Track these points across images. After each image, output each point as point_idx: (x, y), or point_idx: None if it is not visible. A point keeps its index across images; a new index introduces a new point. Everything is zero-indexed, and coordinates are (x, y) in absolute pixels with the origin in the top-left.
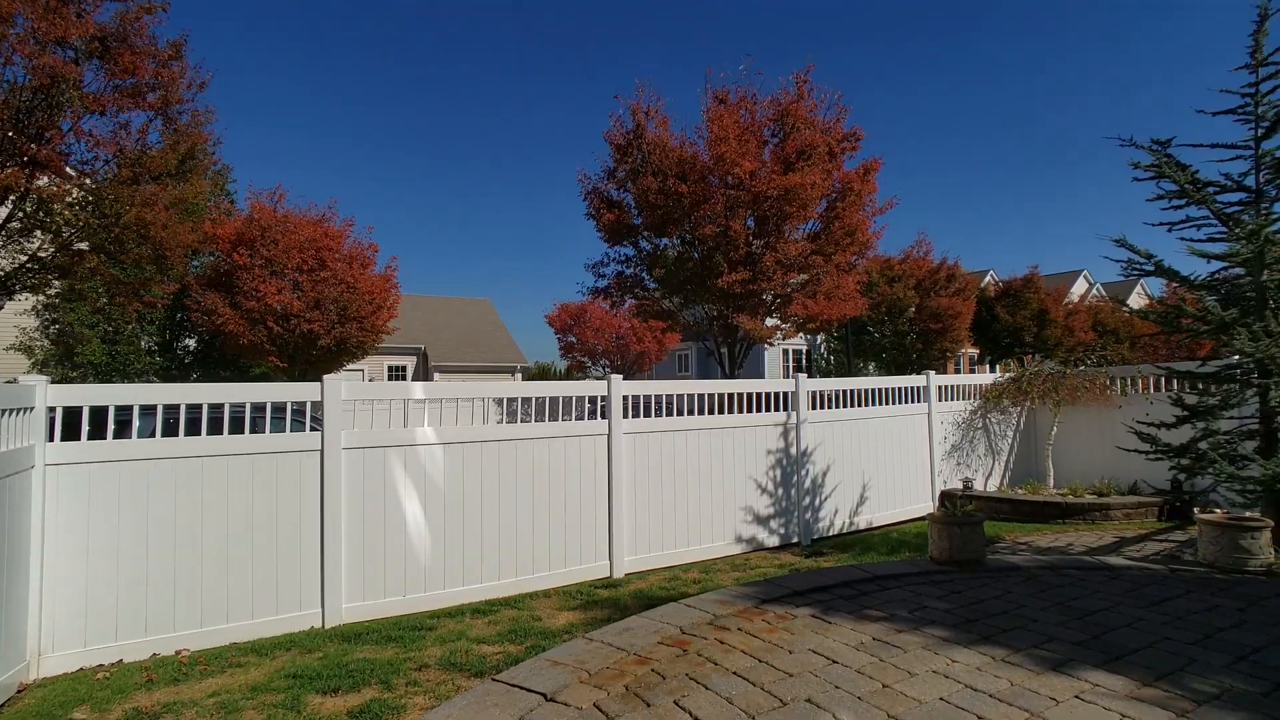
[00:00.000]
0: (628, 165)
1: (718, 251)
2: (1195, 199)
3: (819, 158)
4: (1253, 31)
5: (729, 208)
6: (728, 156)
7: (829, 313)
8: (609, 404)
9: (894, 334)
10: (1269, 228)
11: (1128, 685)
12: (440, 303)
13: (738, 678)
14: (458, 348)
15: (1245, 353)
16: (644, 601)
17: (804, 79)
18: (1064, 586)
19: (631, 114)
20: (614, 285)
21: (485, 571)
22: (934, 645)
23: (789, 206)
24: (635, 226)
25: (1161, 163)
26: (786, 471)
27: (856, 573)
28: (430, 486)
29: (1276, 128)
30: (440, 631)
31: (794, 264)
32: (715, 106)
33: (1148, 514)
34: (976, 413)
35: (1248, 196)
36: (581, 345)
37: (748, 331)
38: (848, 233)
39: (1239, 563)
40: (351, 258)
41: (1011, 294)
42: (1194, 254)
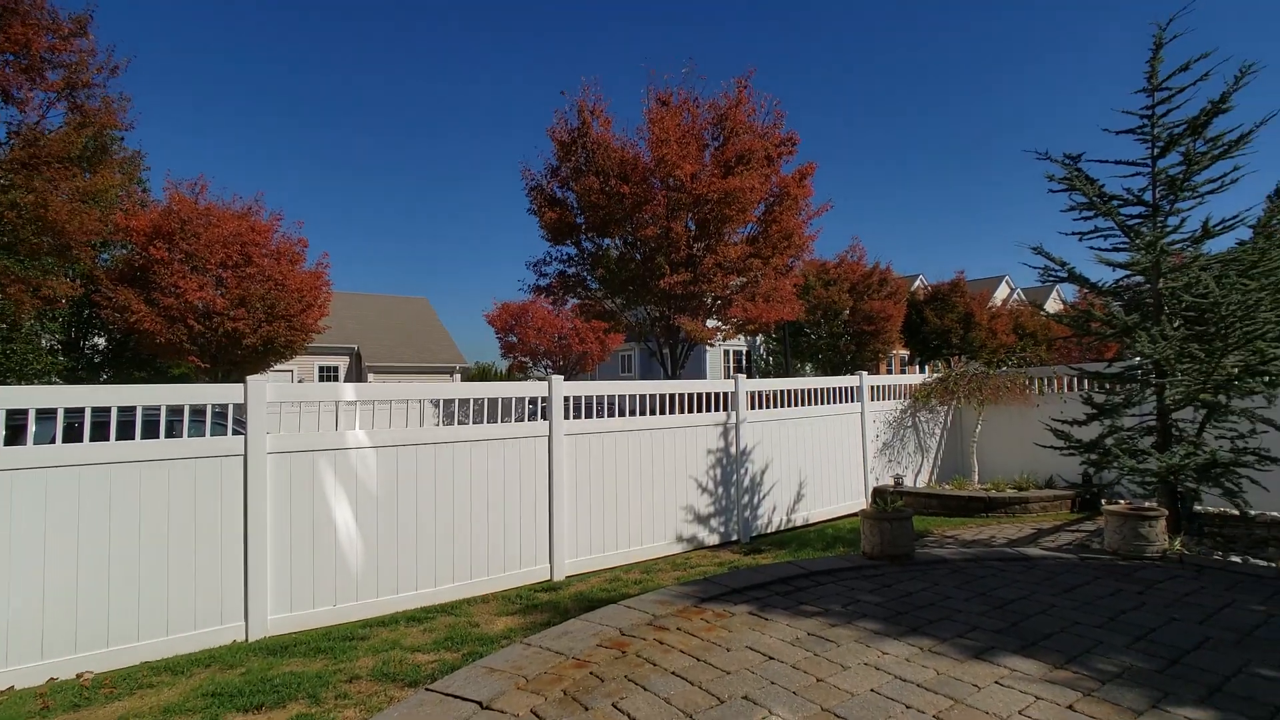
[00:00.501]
0: (571, 163)
1: (659, 253)
2: (1102, 211)
3: (758, 162)
4: (1149, 59)
5: (670, 210)
6: (669, 158)
7: (767, 315)
8: (550, 405)
9: (829, 336)
10: (1164, 239)
11: (1042, 669)
12: (375, 301)
13: (676, 678)
14: (393, 348)
15: (1145, 355)
16: (585, 604)
17: (744, 84)
18: (986, 577)
19: (578, 111)
20: (556, 284)
21: (421, 578)
22: (866, 638)
23: (729, 210)
24: (578, 225)
25: (1073, 176)
26: (726, 470)
27: (793, 569)
28: (363, 491)
29: (1170, 148)
30: (373, 641)
31: (733, 266)
32: (657, 108)
33: (1062, 506)
34: (907, 412)
35: (1146, 210)
36: (523, 345)
37: (689, 333)
38: (785, 236)
39: (1139, 549)
40: (280, 253)
41: (940, 298)
42: (1101, 262)
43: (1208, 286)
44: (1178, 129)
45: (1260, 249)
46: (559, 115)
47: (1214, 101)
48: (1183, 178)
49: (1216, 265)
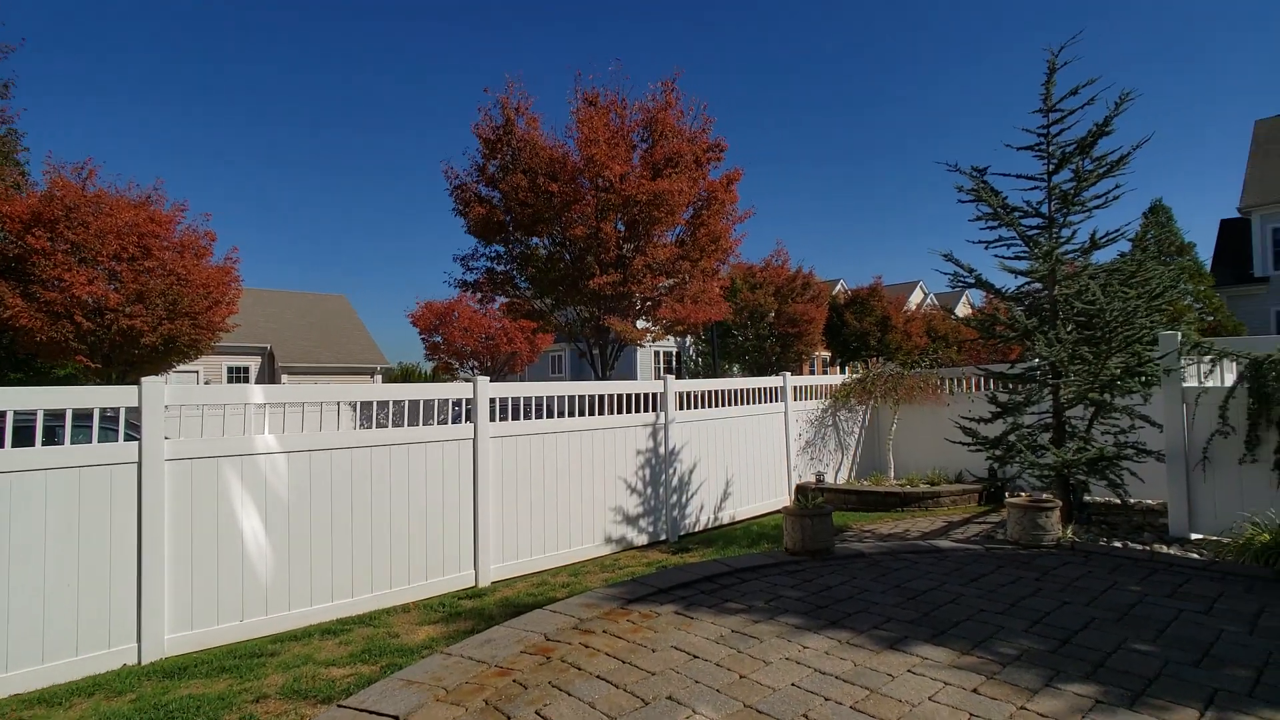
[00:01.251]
0: (498, 160)
1: (589, 253)
2: (1005, 221)
3: (686, 165)
4: (1044, 82)
5: (600, 210)
6: (598, 158)
7: (695, 316)
8: (475, 407)
9: (756, 338)
10: (1059, 249)
11: (950, 655)
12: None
13: (601, 681)
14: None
15: (1043, 357)
16: (510, 610)
17: (671, 86)
18: (901, 569)
19: (501, 108)
20: (484, 281)
21: (337, 588)
22: (787, 633)
23: (658, 211)
24: (505, 224)
25: (979, 188)
26: (655, 471)
27: (718, 567)
28: (273, 499)
29: (1063, 165)
30: (284, 657)
31: (663, 268)
32: (585, 108)
33: (971, 499)
34: (828, 411)
35: (1043, 222)
36: (449, 346)
37: (619, 333)
38: (712, 239)
39: (1037, 539)
40: (184, 246)
41: (859, 302)
42: (1005, 269)
43: (1095, 294)
44: (1069, 148)
45: (1138, 260)
46: (483, 112)
47: (1099, 124)
48: (1074, 193)
49: (1102, 274)
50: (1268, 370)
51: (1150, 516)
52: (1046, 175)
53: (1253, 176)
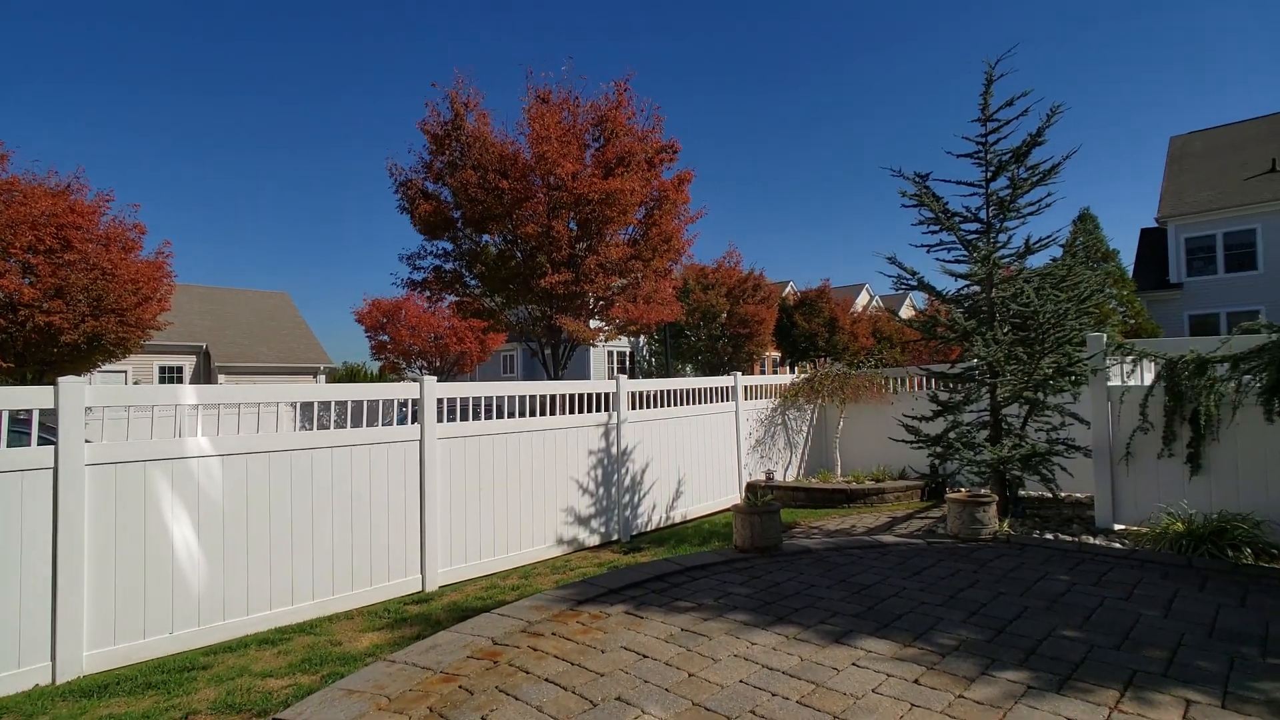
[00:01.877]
0: (445, 157)
1: (540, 251)
2: (946, 226)
3: (638, 165)
4: (982, 92)
5: (552, 208)
6: (550, 156)
7: (648, 316)
8: (422, 408)
9: (708, 338)
10: (996, 254)
11: (893, 648)
12: (229, 295)
13: (549, 684)
14: (249, 346)
15: (981, 357)
16: (458, 614)
17: (624, 87)
18: (846, 565)
19: (450, 104)
20: (432, 279)
21: (277, 596)
22: (736, 630)
23: (610, 211)
24: (454, 220)
25: (921, 193)
26: (608, 471)
27: (669, 566)
28: (206, 504)
29: (1000, 173)
30: (217, 669)
31: (615, 268)
32: (537, 105)
33: (914, 495)
34: (777, 410)
35: (982, 227)
36: (396, 345)
37: (571, 333)
38: (664, 239)
39: (975, 532)
40: (109, 239)
41: (808, 303)
42: (945, 273)
43: (1029, 297)
44: (1005, 156)
45: (1068, 265)
46: (431, 107)
47: (1032, 135)
48: (1010, 199)
49: (1036, 278)
50: (1181, 370)
51: (1079, 509)
52: (985, 182)
53: (1168, 189)
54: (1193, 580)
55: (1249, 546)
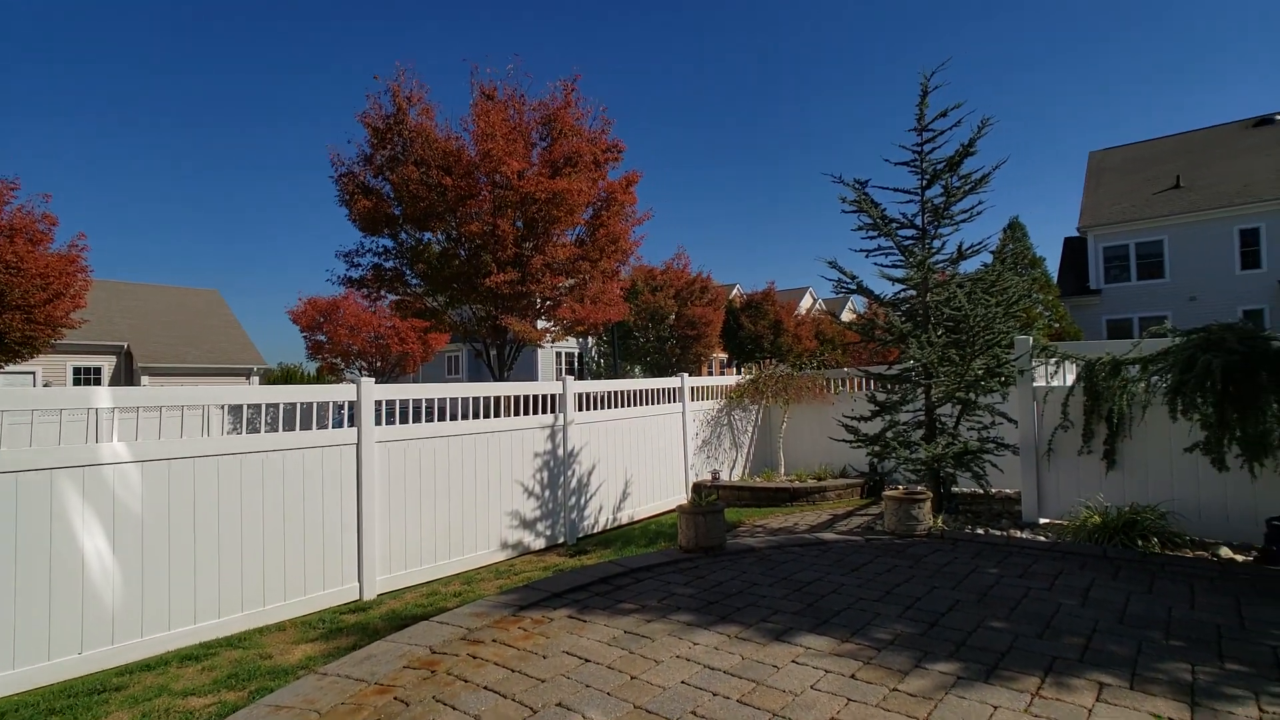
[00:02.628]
0: (387, 151)
1: (485, 250)
2: (884, 232)
3: (585, 165)
4: (918, 103)
5: (497, 207)
6: (495, 153)
7: (595, 317)
8: (359, 410)
9: (656, 339)
10: (930, 259)
11: (831, 644)
12: (154, 293)
13: (489, 692)
14: (175, 346)
15: (917, 359)
16: (396, 622)
17: (571, 87)
18: (788, 562)
19: (392, 97)
20: (371, 278)
21: (202, 609)
22: (679, 630)
23: (557, 210)
24: (395, 217)
25: (861, 200)
26: (554, 473)
27: (614, 568)
28: (123, 514)
29: (934, 181)
30: (133, 690)
31: (563, 268)
32: (483, 101)
33: (854, 493)
34: (723, 411)
35: (917, 233)
36: (334, 345)
37: (518, 333)
38: (612, 240)
39: (911, 529)
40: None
41: (754, 306)
42: (883, 277)
43: (961, 302)
44: (939, 165)
45: (997, 271)
46: (372, 100)
47: (964, 145)
48: (944, 207)
49: (968, 283)
50: (1098, 371)
51: (1008, 504)
52: (920, 190)
53: (1088, 201)
54: (1107, 570)
55: (1156, 536)
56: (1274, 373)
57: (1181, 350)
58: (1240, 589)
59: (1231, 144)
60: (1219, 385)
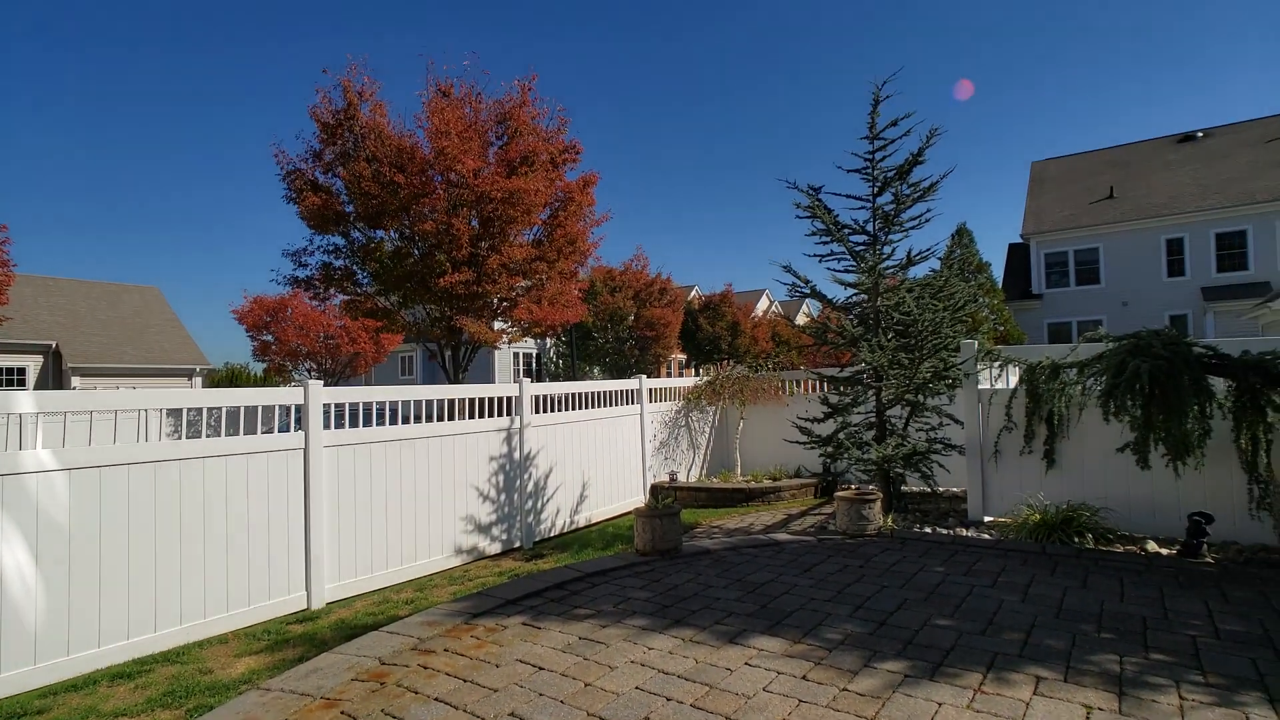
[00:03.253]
0: (337, 147)
1: (440, 249)
2: (837, 238)
3: (542, 165)
4: (870, 112)
5: (452, 205)
6: (450, 151)
7: (552, 318)
8: (306, 414)
9: (615, 340)
10: (881, 265)
11: (783, 645)
12: (87, 289)
13: (440, 704)
14: (110, 346)
15: (868, 361)
16: (346, 633)
17: (528, 86)
18: (742, 564)
19: (343, 92)
20: (319, 277)
21: (136, 623)
22: (634, 635)
23: (513, 210)
24: (346, 214)
25: (814, 206)
26: (510, 477)
27: (569, 573)
28: (49, 526)
29: (885, 188)
30: (57, 713)
31: (519, 268)
32: (438, 98)
33: (808, 493)
34: (681, 412)
35: (869, 239)
36: (282, 345)
37: (473, 334)
38: (569, 241)
39: (862, 528)
40: None
41: (712, 307)
42: (836, 282)
43: (910, 307)
44: (890, 173)
45: (945, 277)
46: (322, 94)
47: (913, 154)
48: (894, 214)
49: (917, 289)
50: (1038, 374)
51: (955, 503)
52: (871, 197)
53: (1030, 209)
54: (1046, 566)
55: (1091, 532)
56: (1195, 377)
57: (1114, 355)
58: (1164, 581)
59: (1159, 158)
60: (1146, 388)
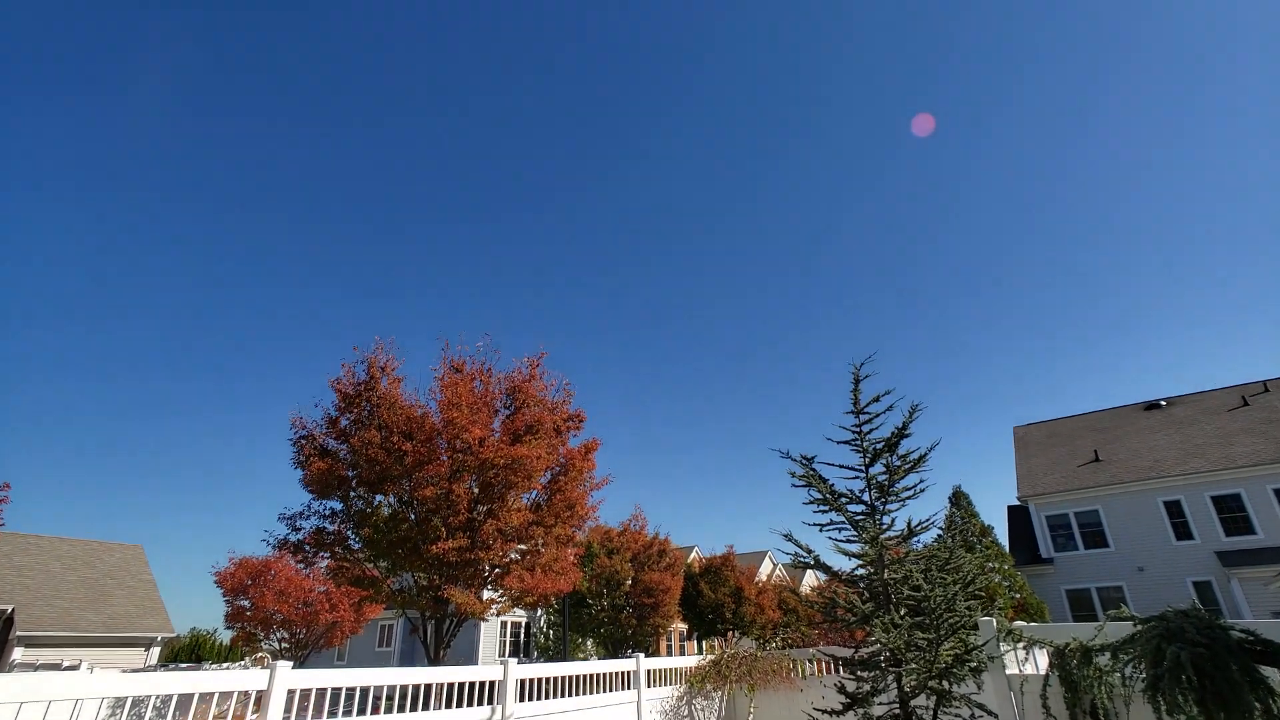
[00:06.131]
0: (352, 415)
1: (437, 514)
2: (835, 507)
3: (546, 433)
4: (852, 390)
5: (454, 471)
6: (459, 421)
7: (546, 586)
8: (266, 701)
9: (611, 608)
10: (882, 534)
11: None
12: (61, 546)
13: None
14: (68, 611)
15: (883, 642)
16: None
17: (536, 363)
18: None
19: (367, 367)
20: (310, 540)
21: None
22: None
23: (514, 476)
24: (348, 479)
25: (809, 475)
26: None
27: None
28: None
29: (876, 459)
30: None
31: (515, 534)
32: (450, 374)
33: None
34: (683, 699)
35: (867, 509)
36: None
37: (460, 605)
38: (568, 506)
39: None
40: None
41: (713, 571)
42: (839, 552)
43: (919, 582)
44: (879, 445)
45: (949, 548)
46: (347, 369)
47: (898, 429)
48: (888, 484)
49: (923, 560)
50: (1069, 659)
51: None
52: (864, 466)
53: (1022, 471)
54: None
55: None
56: (1244, 665)
57: (1146, 640)
58: None
59: (1133, 423)
60: (1195, 680)
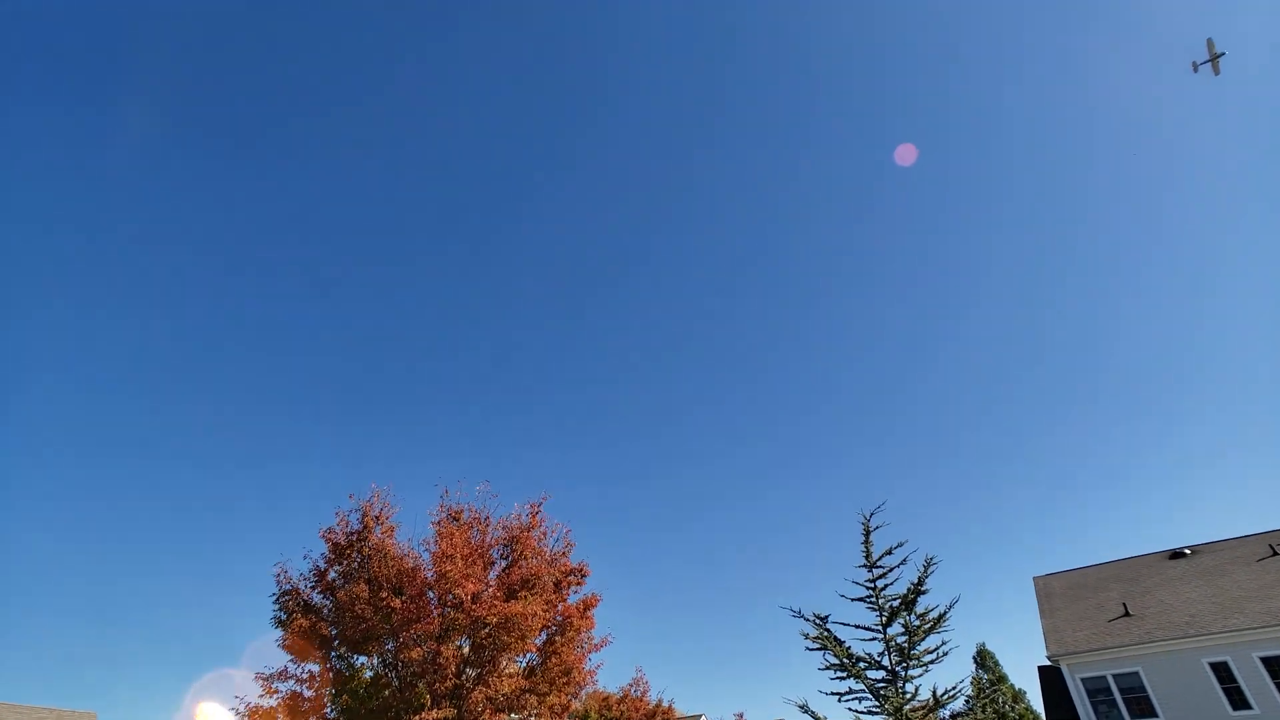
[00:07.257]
0: (341, 566)
1: (422, 679)
2: (853, 673)
3: (544, 588)
4: (863, 541)
5: (444, 630)
6: (452, 574)
7: None
8: None
9: None
10: (906, 704)
11: None
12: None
13: None
14: None
15: None
16: None
17: (536, 509)
18: None
19: (361, 515)
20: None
21: None
22: None
23: (508, 636)
24: (330, 639)
25: (824, 637)
26: None
27: None
28: None
29: (893, 618)
30: None
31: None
32: (447, 523)
33: None
34: None
35: (887, 675)
36: None
37: None
38: (564, 671)
39: None
40: None
41: None
42: None
43: None
44: (895, 601)
45: None
46: (340, 517)
47: (914, 584)
48: (908, 646)
49: None
50: None
51: None
52: (881, 626)
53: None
54: None
55: None
56: None
57: None
58: None
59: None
60: None
